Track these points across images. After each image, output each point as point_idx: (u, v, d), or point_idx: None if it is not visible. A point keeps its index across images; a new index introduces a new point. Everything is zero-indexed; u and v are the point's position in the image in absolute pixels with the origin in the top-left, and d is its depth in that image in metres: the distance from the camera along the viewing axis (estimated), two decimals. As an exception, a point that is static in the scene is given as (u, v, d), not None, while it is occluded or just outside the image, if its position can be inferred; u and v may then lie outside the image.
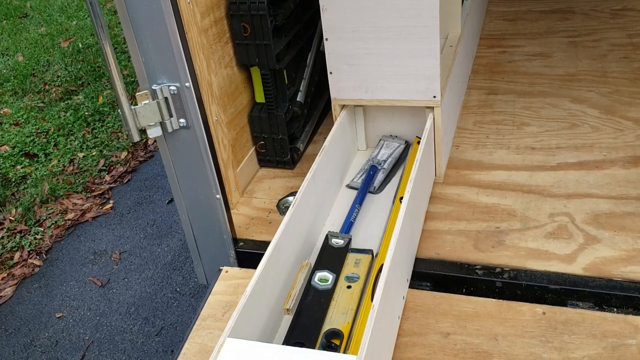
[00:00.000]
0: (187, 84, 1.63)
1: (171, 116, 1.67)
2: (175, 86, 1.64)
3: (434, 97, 1.87)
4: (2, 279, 2.87)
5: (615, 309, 1.52)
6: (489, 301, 1.56)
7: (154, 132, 1.67)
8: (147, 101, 1.63)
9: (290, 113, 2.15)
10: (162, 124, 1.68)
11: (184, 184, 1.83)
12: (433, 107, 1.90)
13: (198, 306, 1.72)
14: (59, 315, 2.64)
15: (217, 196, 1.82)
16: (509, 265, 1.66)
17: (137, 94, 1.63)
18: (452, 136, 2.23)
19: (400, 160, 2.10)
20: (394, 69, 1.86)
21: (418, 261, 1.73)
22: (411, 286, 1.66)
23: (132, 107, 1.61)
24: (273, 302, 1.52)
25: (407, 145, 2.12)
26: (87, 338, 2.50)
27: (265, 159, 2.22)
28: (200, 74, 1.73)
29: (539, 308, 1.52)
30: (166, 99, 1.65)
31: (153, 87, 1.64)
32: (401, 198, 1.62)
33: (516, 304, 1.54)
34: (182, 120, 1.68)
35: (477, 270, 1.67)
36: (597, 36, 2.81)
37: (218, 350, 1.25)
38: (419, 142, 1.85)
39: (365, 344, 1.20)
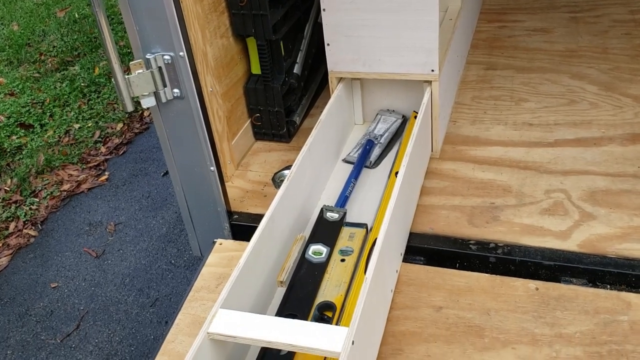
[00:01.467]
0: (181, 54, 1.61)
1: (165, 86, 1.65)
2: (170, 55, 1.61)
3: (432, 70, 1.85)
4: (-3, 249, 2.87)
5: (608, 286, 1.52)
6: (482, 276, 1.56)
7: (147, 102, 1.65)
8: (140, 70, 1.60)
9: (286, 85, 2.12)
10: (156, 94, 1.66)
11: (178, 155, 1.81)
12: (431, 81, 1.88)
13: (192, 278, 1.72)
14: (54, 285, 2.64)
15: (212, 168, 1.80)
16: (503, 240, 1.66)
17: (131, 63, 1.60)
18: (450, 111, 2.21)
19: (397, 135, 2.08)
20: (392, 41, 1.84)
21: (412, 236, 1.72)
22: (405, 260, 1.65)
23: (126, 77, 1.59)
24: (266, 275, 1.52)
25: (404, 120, 2.11)
26: (82, 308, 2.51)
27: (261, 132, 2.21)
28: (195, 44, 1.70)
29: (532, 284, 1.52)
30: (160, 68, 1.63)
31: (147, 57, 1.62)
32: (397, 173, 1.61)
33: (509, 279, 1.54)
34: (176, 90, 1.66)
35: (471, 246, 1.67)
36: (599, 12, 2.77)
37: (210, 320, 1.25)
38: (416, 117, 1.83)
39: (357, 316, 1.20)
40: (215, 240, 1.84)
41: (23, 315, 2.52)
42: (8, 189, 3.23)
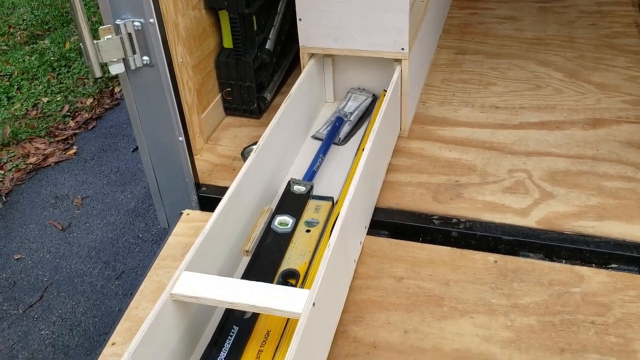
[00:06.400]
0: (151, 20, 1.60)
1: (134, 53, 1.64)
2: (140, 22, 1.60)
3: (402, 49, 1.87)
4: (-40, 219, 2.83)
5: (563, 260, 1.57)
6: (444, 249, 1.60)
7: (116, 69, 1.64)
8: (110, 36, 1.59)
9: (258, 60, 2.13)
10: (125, 61, 1.65)
11: (146, 124, 1.81)
12: (401, 60, 1.90)
13: (161, 247, 1.72)
14: (17, 257, 2.61)
15: (180, 139, 1.80)
16: (466, 216, 1.70)
17: (100, 27, 1.59)
18: (420, 92, 2.24)
19: (367, 113, 2.10)
20: (364, 18, 1.85)
21: (377, 210, 1.75)
22: (369, 234, 1.68)
23: (95, 42, 1.58)
24: (232, 244, 1.53)
25: (375, 99, 2.13)
26: (45, 279, 2.49)
27: (232, 107, 2.21)
28: (165, 12, 1.69)
29: (491, 257, 1.56)
30: (130, 35, 1.62)
31: (117, 22, 1.61)
32: (364, 148, 1.64)
33: (469, 252, 1.58)
34: (145, 57, 1.65)
35: (434, 220, 1.71)
36: (567, 2, 2.83)
37: (174, 282, 1.26)
38: (386, 94, 1.86)
39: (319, 280, 1.22)
40: (182, 211, 1.85)
41: (-15, 286, 2.49)
42: (-28, 160, 3.17)
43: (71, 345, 2.21)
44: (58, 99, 3.69)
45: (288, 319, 1.34)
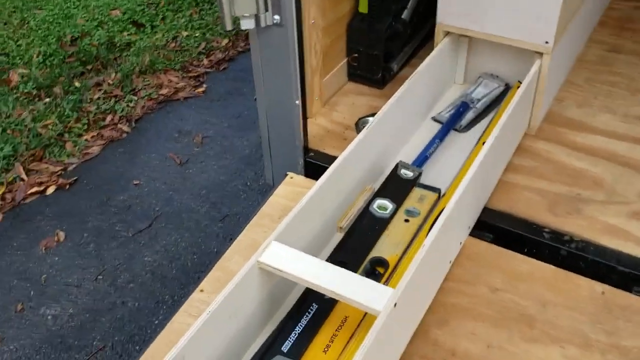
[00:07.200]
0: (288, -22, 1.58)
1: (267, 10, 1.63)
2: (276, -21, 1.59)
3: (546, 42, 1.72)
4: (92, 137, 3.03)
5: (683, 307, 1.42)
6: (548, 267, 1.49)
7: (247, 24, 1.64)
8: (245, -10, 1.59)
9: (391, 29, 2.05)
10: (257, 18, 1.65)
11: (267, 82, 1.81)
12: (542, 54, 1.75)
13: (262, 203, 1.74)
14: (136, 183, 2.77)
15: (297, 102, 1.79)
16: (580, 235, 1.57)
17: (237, -19, 1.59)
18: (558, 88, 2.07)
19: (496, 102, 1.98)
20: (510, 2, 1.72)
21: (486, 210, 1.66)
22: (472, 234, 1.60)
23: (230, -6, 1.59)
24: (327, 217, 1.51)
25: (507, 89, 1.99)
26: (157, 209, 2.63)
27: (356, 73, 2.16)
28: (304, -29, 1.66)
29: (599, 286, 1.43)
30: (265, -9, 1.61)
31: (254, -23, 1.60)
32: (485, 142, 1.54)
33: (575, 277, 1.46)
34: (276, 17, 1.64)
35: (544, 233, 1.59)
36: None
37: (262, 250, 1.27)
38: (519, 87, 1.73)
39: (405, 281, 1.18)
40: (287, 173, 1.86)
41: (104, 203, 2.67)
42: (111, 82, 3.37)
43: (168, 276, 2.34)
44: (197, 34, 3.81)
45: (368, 309, 1.31)
